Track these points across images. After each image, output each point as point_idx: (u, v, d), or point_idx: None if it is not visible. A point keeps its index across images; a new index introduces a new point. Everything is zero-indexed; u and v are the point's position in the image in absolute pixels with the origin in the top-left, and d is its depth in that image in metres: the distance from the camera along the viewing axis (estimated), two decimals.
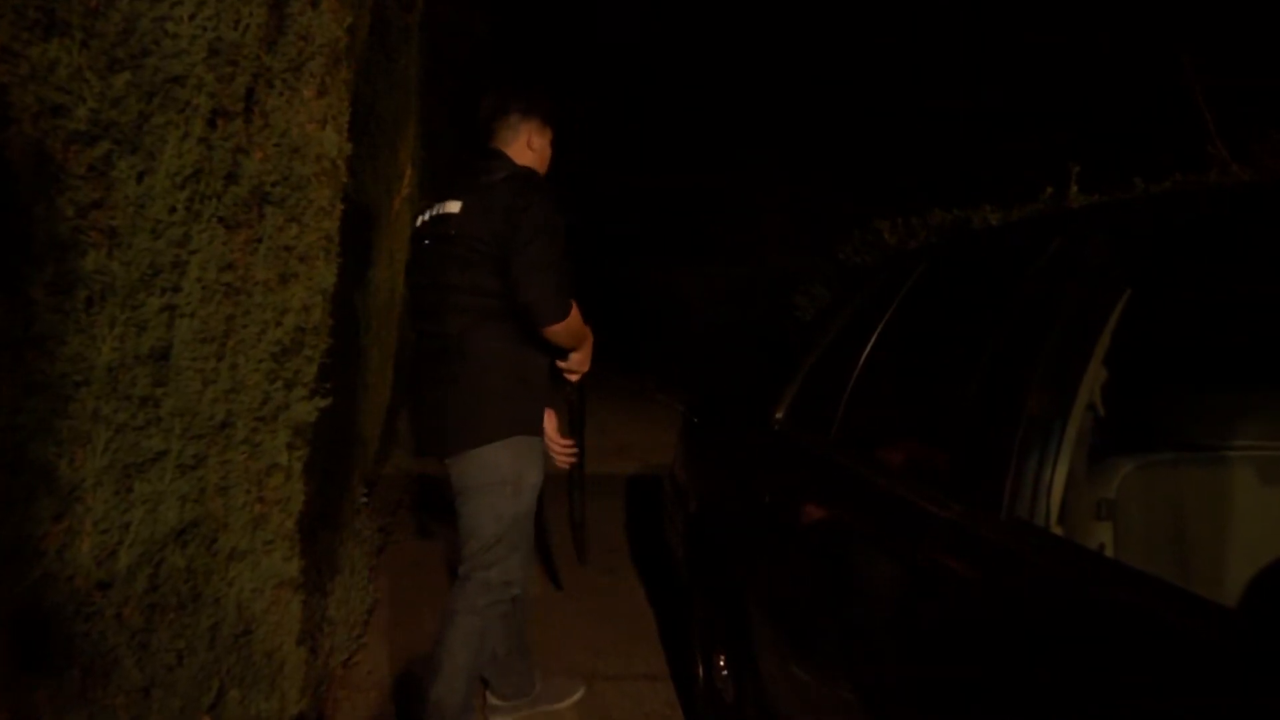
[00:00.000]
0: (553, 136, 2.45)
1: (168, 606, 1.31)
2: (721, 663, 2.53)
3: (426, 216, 2.31)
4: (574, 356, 2.40)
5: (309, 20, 1.51)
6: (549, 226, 2.16)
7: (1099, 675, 1.02)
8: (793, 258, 9.75)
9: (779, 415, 2.38)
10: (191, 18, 1.22)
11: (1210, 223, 1.47)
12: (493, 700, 2.67)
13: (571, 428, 2.61)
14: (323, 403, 1.76)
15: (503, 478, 2.25)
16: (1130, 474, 1.45)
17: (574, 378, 2.49)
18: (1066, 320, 1.41)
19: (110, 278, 1.17)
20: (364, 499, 4.69)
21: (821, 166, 13.54)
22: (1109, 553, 1.39)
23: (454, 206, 2.21)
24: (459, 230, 2.18)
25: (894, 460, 1.85)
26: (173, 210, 1.24)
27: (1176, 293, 1.62)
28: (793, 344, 2.65)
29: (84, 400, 1.17)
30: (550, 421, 2.42)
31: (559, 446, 2.48)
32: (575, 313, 2.24)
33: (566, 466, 2.57)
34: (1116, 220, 1.55)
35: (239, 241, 1.40)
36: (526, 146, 2.37)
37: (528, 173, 2.29)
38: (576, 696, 2.75)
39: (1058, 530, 1.29)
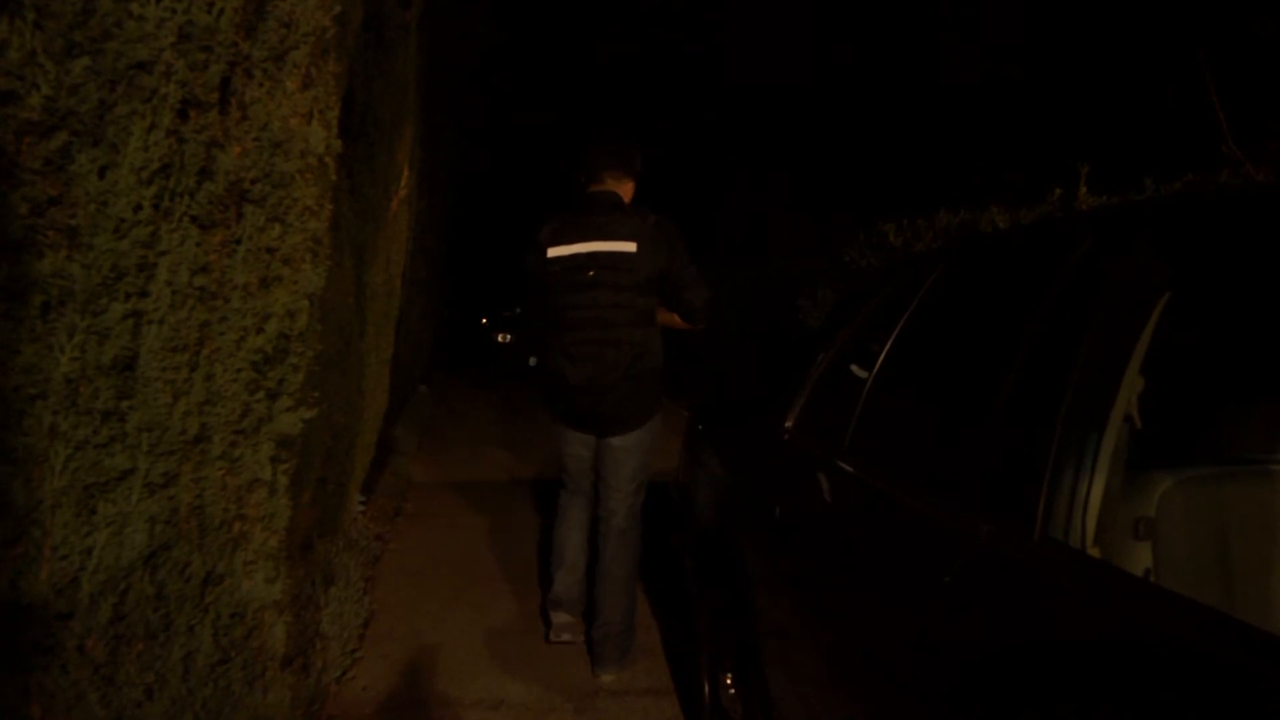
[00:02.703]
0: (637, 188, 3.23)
1: (135, 637, 1.21)
2: (729, 680, 2.44)
3: (582, 251, 2.93)
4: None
5: (292, 6, 1.41)
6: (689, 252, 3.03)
7: (1139, 710, 0.93)
8: (797, 260, 9.66)
9: (789, 424, 2.29)
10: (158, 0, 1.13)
11: (1254, 221, 1.37)
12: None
13: None
14: (309, 413, 1.66)
15: (655, 440, 3.17)
16: (1170, 490, 1.36)
17: None
18: (1101, 326, 1.31)
19: (69, 281, 1.07)
20: (360, 507, 4.60)
21: (826, 168, 13.46)
22: (1155, 577, 1.29)
23: (629, 247, 2.89)
24: (636, 265, 2.90)
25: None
26: (138, 208, 1.14)
27: (1218, 296, 1.53)
28: (802, 349, 2.55)
29: (40, 415, 1.07)
30: None
31: None
32: None
33: None
34: (1154, 219, 1.45)
35: (215, 242, 1.30)
36: (626, 194, 3.09)
37: (654, 211, 3.02)
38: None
39: (1094, 551, 1.20)
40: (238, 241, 1.38)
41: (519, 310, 15.37)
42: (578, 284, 2.93)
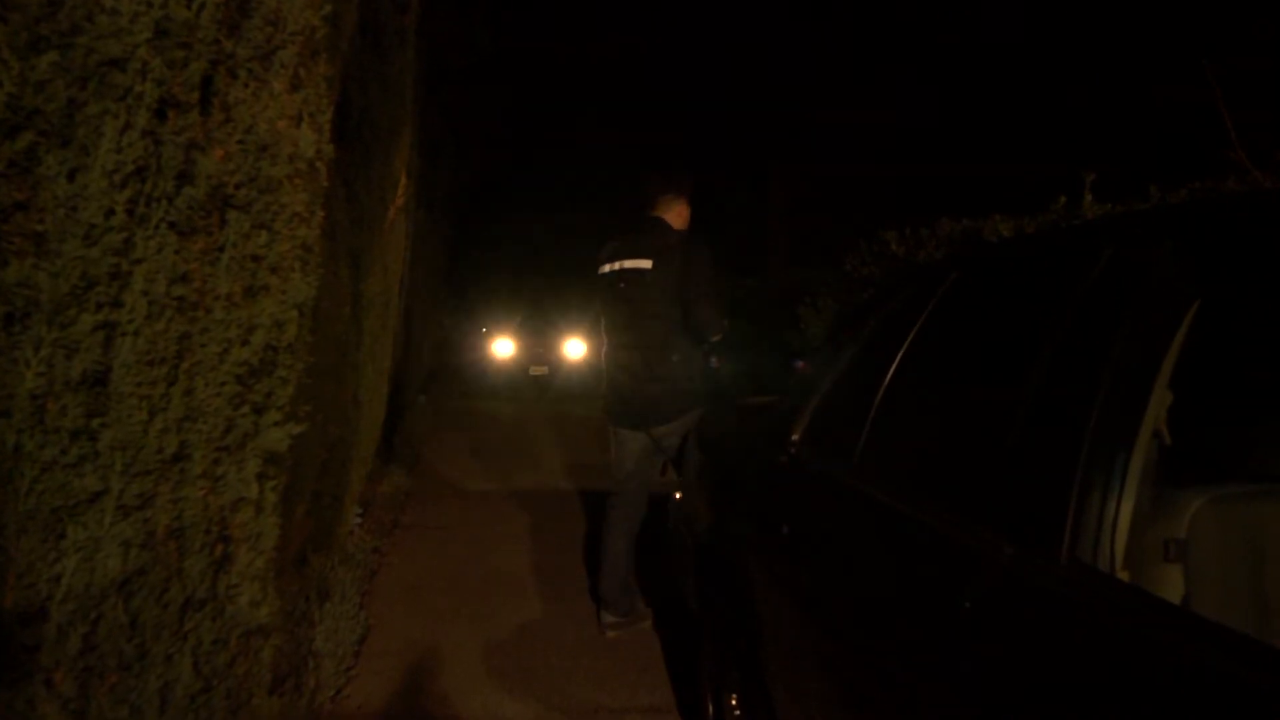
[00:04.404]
0: (690, 207, 3.68)
1: (108, 669, 1.13)
2: (734, 700, 2.36)
3: (616, 267, 3.50)
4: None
5: (279, 3, 1.35)
6: (711, 272, 3.40)
7: None
8: (797, 269, 9.61)
9: (795, 438, 2.21)
10: None
11: None
12: (609, 618, 3.50)
13: None
14: (298, 428, 1.59)
15: (690, 430, 3.41)
16: (1202, 509, 1.30)
17: None
18: (1128, 337, 1.25)
19: (35, 291, 1.01)
20: (357, 520, 4.53)
21: (826, 175, 13.44)
22: (1187, 601, 1.22)
23: (646, 264, 3.40)
24: (653, 279, 3.38)
25: None
26: (111, 213, 1.07)
27: (1250, 305, 1.46)
28: (806, 360, 2.49)
29: (4, 434, 1.00)
30: None
31: None
32: None
33: None
34: (1179, 225, 1.38)
35: (195, 250, 1.23)
36: (677, 216, 3.59)
37: (689, 235, 3.55)
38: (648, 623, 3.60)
39: (1123, 574, 1.14)
40: (221, 249, 1.31)
41: (520, 320, 16.36)
42: (616, 295, 3.50)
